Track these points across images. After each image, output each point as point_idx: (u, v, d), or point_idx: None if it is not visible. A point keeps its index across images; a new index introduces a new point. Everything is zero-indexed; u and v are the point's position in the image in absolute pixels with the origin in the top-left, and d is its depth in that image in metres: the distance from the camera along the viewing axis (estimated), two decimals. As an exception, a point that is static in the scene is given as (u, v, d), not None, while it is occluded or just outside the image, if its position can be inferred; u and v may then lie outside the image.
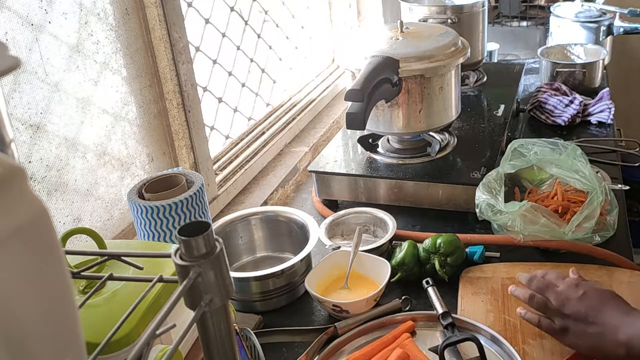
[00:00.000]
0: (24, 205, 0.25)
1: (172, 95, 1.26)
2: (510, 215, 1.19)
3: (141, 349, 0.34)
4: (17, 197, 0.25)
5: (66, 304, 0.28)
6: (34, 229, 0.26)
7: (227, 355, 0.44)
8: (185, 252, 0.41)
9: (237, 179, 1.50)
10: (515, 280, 1.14)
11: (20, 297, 0.26)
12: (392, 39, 1.38)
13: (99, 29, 1.10)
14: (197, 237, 0.40)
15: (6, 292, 0.25)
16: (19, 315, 0.26)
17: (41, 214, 0.26)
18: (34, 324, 0.26)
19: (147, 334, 0.35)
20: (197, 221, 0.41)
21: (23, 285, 0.26)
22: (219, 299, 0.41)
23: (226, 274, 0.42)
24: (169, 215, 0.93)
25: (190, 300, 0.41)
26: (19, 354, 0.26)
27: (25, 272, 0.26)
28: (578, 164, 1.29)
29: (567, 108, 1.77)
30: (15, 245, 0.25)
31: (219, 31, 1.53)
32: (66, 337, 0.28)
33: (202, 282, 0.41)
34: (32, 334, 0.26)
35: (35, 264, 0.26)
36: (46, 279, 0.27)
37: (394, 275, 1.17)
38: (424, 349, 1.00)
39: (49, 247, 0.27)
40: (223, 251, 0.42)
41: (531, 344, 1.00)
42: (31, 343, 0.26)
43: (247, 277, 1.12)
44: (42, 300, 0.27)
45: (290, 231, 1.27)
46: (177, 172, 1.04)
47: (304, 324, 1.10)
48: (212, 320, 0.43)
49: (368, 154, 1.48)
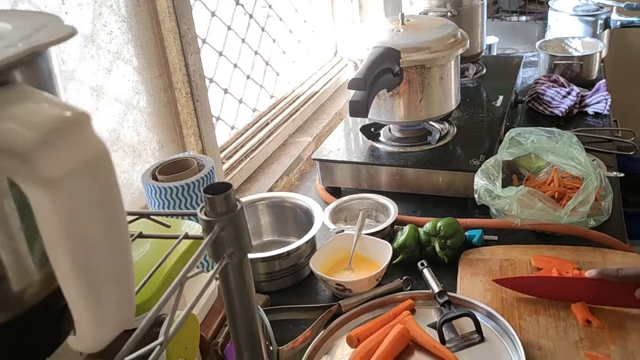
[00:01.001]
0: (90, 144, 0.30)
1: (181, 85, 1.30)
2: (507, 199, 1.24)
3: (175, 287, 0.38)
4: (84, 137, 0.30)
5: (121, 235, 0.33)
6: (99, 165, 0.30)
7: (246, 306, 0.48)
8: (210, 209, 0.45)
9: (243, 167, 1.55)
10: (512, 261, 1.19)
11: (87, 222, 0.30)
12: (393, 31, 1.43)
13: (112, 20, 1.14)
14: (220, 195, 0.45)
15: (75, 216, 0.29)
16: (85, 236, 0.30)
17: (104, 152, 0.30)
18: (96, 246, 0.31)
19: (180, 276, 0.40)
20: (220, 182, 0.46)
21: (89, 212, 0.30)
22: (240, 252, 0.46)
23: (245, 230, 0.47)
24: (181, 196, 0.98)
25: (214, 252, 0.46)
26: (83, 270, 0.31)
27: (91, 201, 0.30)
28: (574, 152, 1.34)
29: (565, 99, 1.81)
30: (83, 177, 0.29)
31: (225, 24, 1.58)
32: (120, 266, 0.33)
33: (225, 237, 0.45)
34: (94, 255, 0.31)
35: (99, 194, 0.31)
36: (107, 209, 0.31)
37: (396, 257, 1.21)
38: (423, 326, 1.04)
39: (110, 182, 0.31)
40: (243, 210, 0.47)
41: (527, 320, 1.04)
42: (92, 263, 0.31)
43: (255, 258, 1.16)
44: (103, 227, 0.31)
45: (295, 216, 1.32)
46: (188, 156, 1.08)
47: (309, 304, 1.15)
48: (233, 272, 0.47)
49: (370, 142, 1.53)
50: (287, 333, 1.08)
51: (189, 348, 0.74)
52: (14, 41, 0.33)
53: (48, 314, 0.39)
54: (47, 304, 0.38)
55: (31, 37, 0.33)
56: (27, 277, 0.37)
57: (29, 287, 0.37)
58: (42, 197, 0.29)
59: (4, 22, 0.37)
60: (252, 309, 0.50)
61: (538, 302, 1.08)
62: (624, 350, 0.96)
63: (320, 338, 1.02)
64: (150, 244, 0.74)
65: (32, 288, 0.37)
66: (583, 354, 0.96)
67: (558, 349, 0.98)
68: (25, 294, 0.37)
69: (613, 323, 1.02)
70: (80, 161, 0.29)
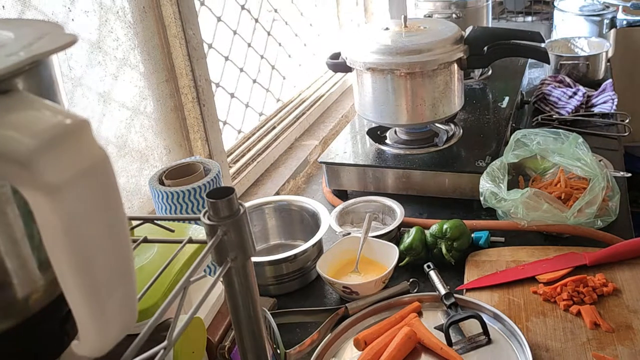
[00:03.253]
0: (90, 150, 0.30)
1: (187, 90, 1.31)
2: (512, 202, 1.24)
3: (178, 291, 0.39)
4: (84, 144, 0.30)
5: (122, 239, 0.33)
6: (99, 171, 0.31)
7: (250, 309, 0.49)
8: (213, 213, 0.46)
9: (250, 171, 1.56)
10: (519, 263, 1.19)
11: (88, 226, 0.31)
12: (395, 34, 1.43)
13: (119, 27, 1.15)
14: (223, 199, 0.45)
15: (76, 222, 0.30)
16: (87, 241, 0.31)
17: (104, 159, 0.31)
18: (97, 250, 0.31)
19: (183, 280, 0.40)
20: (223, 187, 0.46)
21: (90, 217, 0.31)
22: (243, 256, 0.47)
23: (249, 234, 0.47)
24: (188, 200, 0.99)
25: (218, 256, 0.46)
26: (85, 275, 0.31)
27: (92, 206, 0.31)
28: (579, 152, 1.34)
29: (571, 99, 1.81)
30: (84, 183, 0.30)
31: (231, 29, 1.58)
32: (122, 270, 0.33)
33: (228, 241, 0.46)
34: (96, 260, 0.32)
35: (99, 200, 0.31)
36: (108, 214, 0.32)
37: (403, 259, 1.21)
38: (430, 328, 1.04)
39: (111, 188, 0.32)
40: (246, 214, 0.47)
41: (534, 322, 1.04)
42: (94, 268, 0.32)
43: (262, 261, 1.17)
44: (104, 232, 0.32)
45: (302, 219, 1.32)
46: (194, 160, 1.09)
47: (316, 307, 1.15)
48: (237, 276, 0.48)
49: (376, 145, 1.53)
50: (295, 336, 1.08)
51: (196, 352, 0.75)
52: (15, 50, 0.33)
53: (52, 319, 0.40)
54: (51, 309, 0.39)
55: (33, 45, 0.34)
56: (31, 283, 0.37)
57: (33, 293, 0.37)
58: (43, 203, 0.30)
59: (7, 30, 0.38)
60: (256, 312, 0.51)
61: (545, 303, 1.08)
62: (631, 351, 0.96)
63: (328, 341, 1.02)
64: (157, 249, 0.75)
65: (36, 294, 0.37)
66: (590, 355, 0.95)
67: (565, 350, 0.97)
68: (29, 300, 0.37)
69: (621, 324, 1.01)
70: (81, 167, 0.30)
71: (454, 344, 1.00)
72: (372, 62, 1.38)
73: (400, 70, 1.36)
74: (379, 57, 1.38)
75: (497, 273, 1.16)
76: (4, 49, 0.34)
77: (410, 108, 1.42)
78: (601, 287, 1.09)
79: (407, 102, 1.41)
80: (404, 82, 1.38)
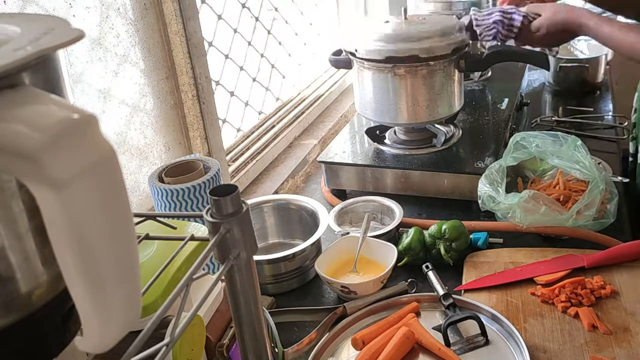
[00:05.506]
0: (97, 146, 0.30)
1: (187, 88, 1.31)
2: (510, 206, 1.24)
3: (181, 289, 0.39)
4: (91, 139, 0.30)
5: (128, 235, 0.33)
6: (106, 166, 0.31)
7: (252, 307, 0.49)
8: (216, 211, 0.46)
9: (249, 169, 1.55)
10: (518, 264, 1.19)
11: (94, 222, 0.31)
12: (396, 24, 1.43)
13: (119, 23, 1.15)
14: (226, 197, 0.45)
15: (82, 217, 0.30)
16: (93, 236, 0.31)
17: (111, 154, 0.31)
18: (103, 246, 0.31)
19: (185, 277, 0.40)
20: (226, 184, 0.46)
21: (96, 212, 0.31)
22: (246, 254, 0.47)
23: (251, 232, 0.47)
24: (187, 198, 0.98)
25: (220, 254, 0.46)
26: (90, 271, 0.31)
27: (98, 201, 0.31)
28: (578, 155, 1.34)
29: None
30: (91, 178, 0.30)
31: (231, 27, 1.58)
32: (127, 267, 0.33)
33: (231, 238, 0.46)
34: (101, 256, 0.31)
35: (106, 195, 0.31)
36: (114, 209, 0.32)
37: (401, 259, 1.21)
38: (428, 329, 1.04)
39: (117, 183, 0.32)
40: (249, 212, 0.47)
41: (532, 323, 1.04)
42: (99, 264, 0.31)
43: (260, 260, 1.17)
44: (110, 227, 0.32)
45: (300, 218, 1.32)
46: (194, 158, 1.09)
47: (314, 306, 1.15)
48: (239, 274, 0.48)
49: (375, 145, 1.53)
50: (293, 335, 1.08)
51: (195, 349, 0.75)
52: (22, 44, 0.33)
53: (55, 315, 0.40)
54: (54, 305, 0.39)
55: (40, 40, 0.34)
56: (35, 278, 0.37)
57: (36, 288, 0.37)
58: (49, 198, 0.30)
59: (13, 25, 0.38)
60: (257, 310, 0.51)
61: (543, 305, 1.08)
62: (629, 353, 0.96)
63: (325, 340, 1.02)
64: (157, 246, 0.75)
65: (40, 289, 0.37)
66: (588, 357, 0.96)
67: (563, 352, 0.97)
68: (33, 295, 0.37)
69: (618, 326, 1.01)
70: (88, 163, 0.30)
71: (451, 344, 1.00)
72: (372, 49, 1.37)
73: (401, 66, 1.35)
74: (380, 45, 1.36)
75: (496, 274, 1.16)
76: (11, 43, 0.34)
77: (411, 107, 1.42)
78: (599, 289, 1.09)
79: (407, 100, 1.41)
80: (404, 80, 1.38)
